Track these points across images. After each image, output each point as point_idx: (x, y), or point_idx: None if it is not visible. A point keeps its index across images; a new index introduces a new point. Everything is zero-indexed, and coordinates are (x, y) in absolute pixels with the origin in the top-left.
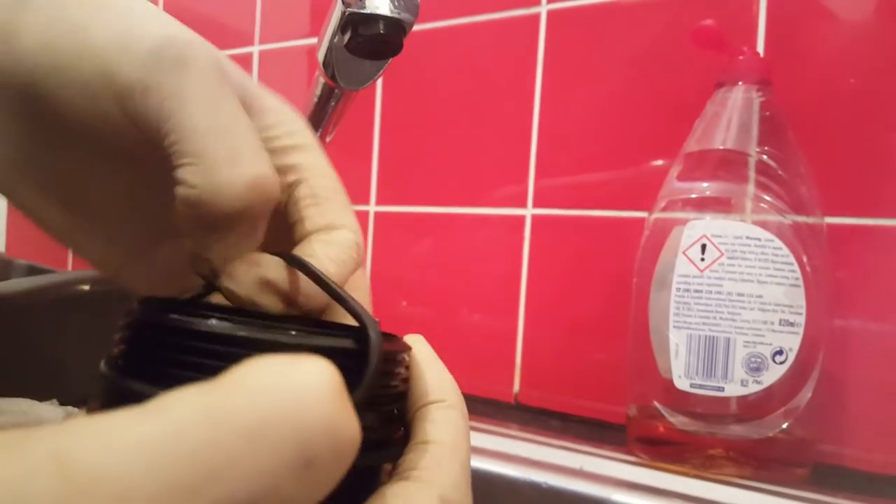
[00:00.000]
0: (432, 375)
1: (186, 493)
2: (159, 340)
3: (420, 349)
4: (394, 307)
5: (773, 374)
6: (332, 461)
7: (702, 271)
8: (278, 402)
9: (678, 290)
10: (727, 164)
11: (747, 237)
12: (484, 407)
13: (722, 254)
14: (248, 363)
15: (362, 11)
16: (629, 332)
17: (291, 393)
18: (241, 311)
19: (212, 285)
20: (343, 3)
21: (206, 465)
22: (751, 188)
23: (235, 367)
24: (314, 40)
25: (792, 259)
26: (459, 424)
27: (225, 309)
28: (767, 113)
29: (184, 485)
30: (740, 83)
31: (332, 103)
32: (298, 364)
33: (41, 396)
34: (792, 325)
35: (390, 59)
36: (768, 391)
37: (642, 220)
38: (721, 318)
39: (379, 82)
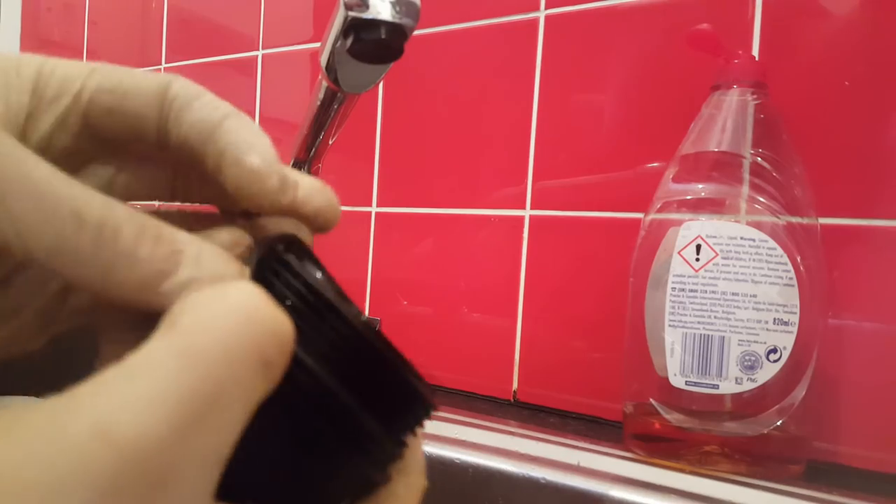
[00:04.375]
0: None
1: (196, 427)
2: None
3: None
4: (394, 306)
5: (767, 372)
6: (280, 355)
7: (697, 271)
8: (230, 330)
9: (673, 289)
10: (722, 166)
11: (742, 238)
12: (483, 404)
13: (717, 254)
14: (186, 303)
15: (364, 17)
16: (625, 331)
17: (236, 319)
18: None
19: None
20: (346, 8)
21: (206, 399)
22: (745, 189)
23: (179, 310)
24: (317, 45)
25: (786, 259)
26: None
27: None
28: (762, 115)
29: (194, 420)
30: (735, 86)
31: (335, 107)
32: (227, 293)
33: (42, 394)
34: (786, 323)
35: (392, 64)
36: (763, 389)
37: (638, 220)
38: (716, 317)
39: (380, 86)
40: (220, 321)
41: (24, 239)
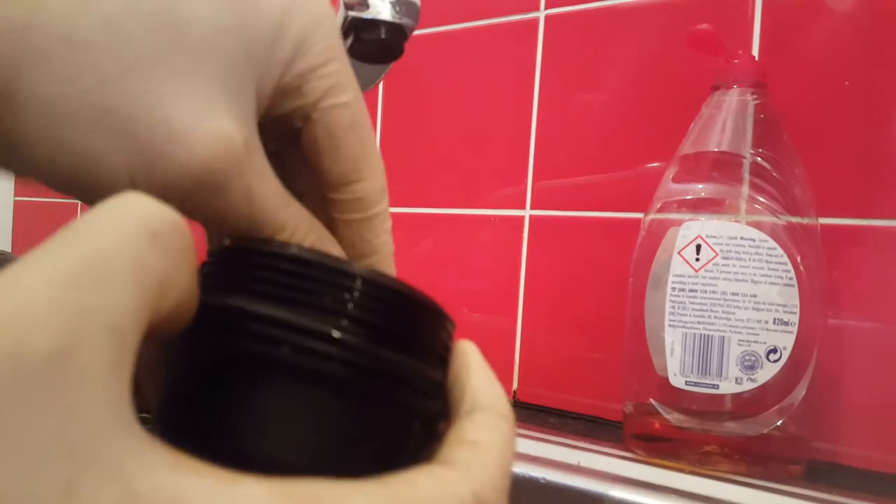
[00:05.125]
0: (484, 381)
1: (82, 290)
2: (245, 261)
3: (473, 353)
4: None
5: (767, 372)
6: (169, 229)
7: (697, 271)
8: (107, 209)
9: (673, 289)
10: (722, 166)
11: (741, 238)
12: None
13: (716, 254)
14: (77, 221)
15: (364, 16)
16: (626, 331)
17: (114, 203)
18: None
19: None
20: (346, 8)
21: (86, 262)
22: (745, 189)
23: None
24: None
25: (786, 259)
26: (509, 436)
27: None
28: (762, 115)
29: (76, 281)
30: (735, 86)
31: None
32: (112, 199)
33: None
34: (786, 323)
35: (392, 63)
36: (762, 389)
37: (638, 220)
38: (716, 317)
39: (380, 86)
40: (100, 209)
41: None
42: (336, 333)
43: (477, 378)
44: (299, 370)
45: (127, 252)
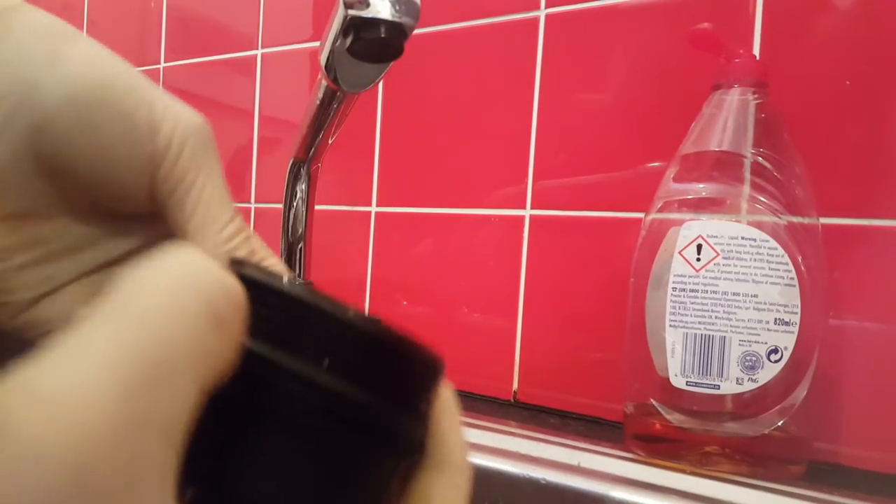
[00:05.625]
0: (459, 437)
1: (145, 390)
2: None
3: (452, 405)
4: (394, 306)
5: (768, 372)
6: (233, 312)
7: (697, 271)
8: (173, 286)
9: (674, 289)
10: (723, 166)
11: (742, 237)
12: (483, 404)
13: (717, 254)
14: (125, 273)
15: (364, 15)
16: (626, 331)
17: (180, 274)
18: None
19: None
20: (345, 7)
21: (152, 359)
22: (746, 189)
23: (119, 279)
24: (316, 44)
25: (787, 259)
26: (468, 494)
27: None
28: (763, 115)
29: (141, 382)
30: (736, 85)
31: (335, 106)
32: (167, 255)
33: None
34: (787, 324)
35: (391, 63)
36: (763, 389)
37: (639, 220)
38: (717, 317)
39: (380, 85)
40: (163, 278)
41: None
42: (322, 380)
43: (452, 434)
44: (283, 417)
45: (193, 345)
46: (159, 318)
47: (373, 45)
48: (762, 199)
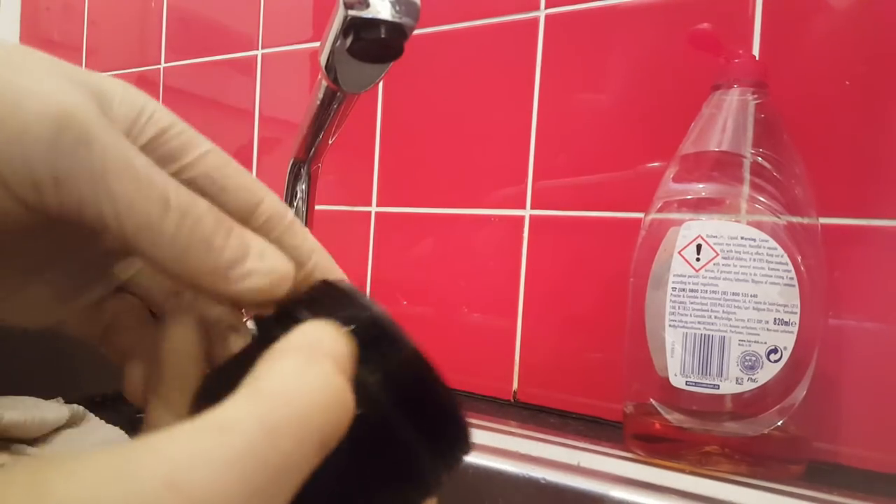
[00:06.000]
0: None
1: (260, 493)
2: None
3: None
4: (394, 306)
5: (767, 372)
6: (336, 437)
7: (697, 271)
8: (309, 410)
9: (674, 289)
10: (722, 166)
11: (742, 237)
12: (483, 404)
13: (717, 254)
14: (273, 369)
15: (364, 16)
16: (626, 331)
17: (317, 399)
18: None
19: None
20: (345, 7)
21: (273, 469)
22: (746, 189)
23: (266, 373)
24: (317, 44)
25: (786, 259)
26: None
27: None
28: (762, 115)
29: (260, 486)
30: (736, 86)
31: (335, 106)
32: (312, 368)
33: (46, 395)
34: (786, 323)
35: (391, 63)
36: (763, 389)
37: (639, 220)
38: (716, 317)
39: (380, 85)
40: (303, 398)
41: (120, 218)
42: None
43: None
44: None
45: (300, 468)
46: (288, 436)
47: (373, 45)
48: (762, 199)
